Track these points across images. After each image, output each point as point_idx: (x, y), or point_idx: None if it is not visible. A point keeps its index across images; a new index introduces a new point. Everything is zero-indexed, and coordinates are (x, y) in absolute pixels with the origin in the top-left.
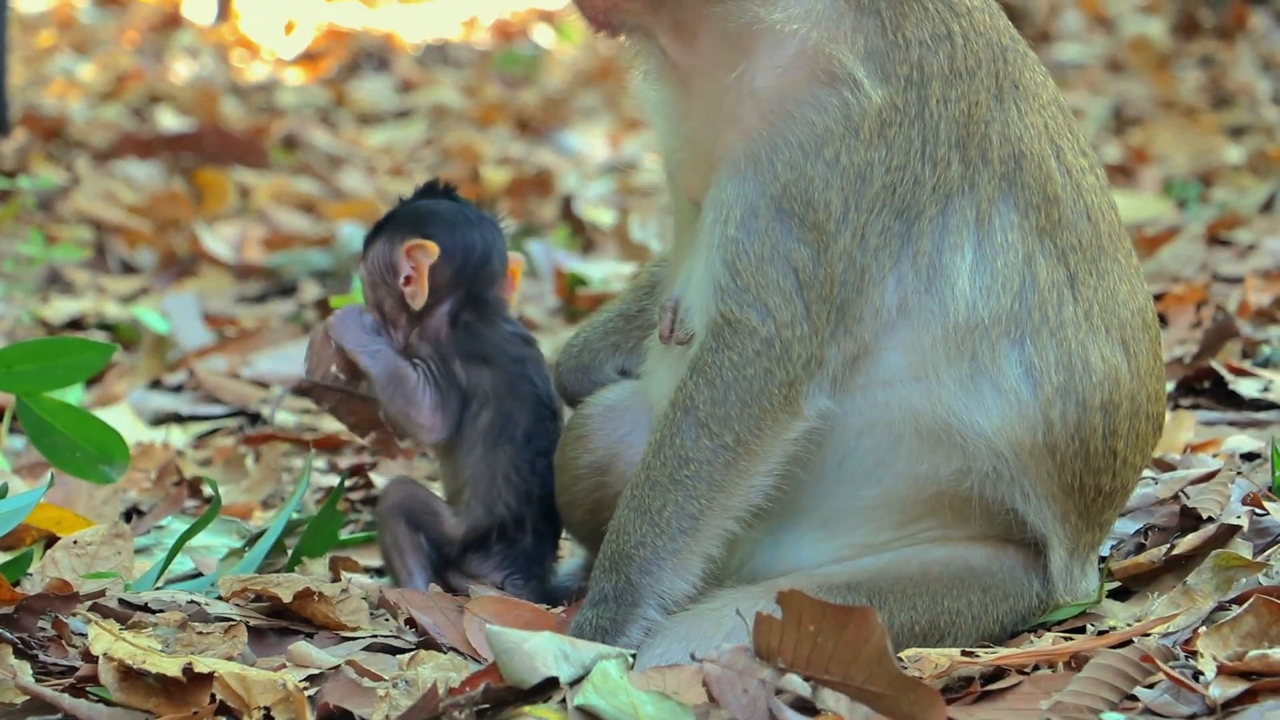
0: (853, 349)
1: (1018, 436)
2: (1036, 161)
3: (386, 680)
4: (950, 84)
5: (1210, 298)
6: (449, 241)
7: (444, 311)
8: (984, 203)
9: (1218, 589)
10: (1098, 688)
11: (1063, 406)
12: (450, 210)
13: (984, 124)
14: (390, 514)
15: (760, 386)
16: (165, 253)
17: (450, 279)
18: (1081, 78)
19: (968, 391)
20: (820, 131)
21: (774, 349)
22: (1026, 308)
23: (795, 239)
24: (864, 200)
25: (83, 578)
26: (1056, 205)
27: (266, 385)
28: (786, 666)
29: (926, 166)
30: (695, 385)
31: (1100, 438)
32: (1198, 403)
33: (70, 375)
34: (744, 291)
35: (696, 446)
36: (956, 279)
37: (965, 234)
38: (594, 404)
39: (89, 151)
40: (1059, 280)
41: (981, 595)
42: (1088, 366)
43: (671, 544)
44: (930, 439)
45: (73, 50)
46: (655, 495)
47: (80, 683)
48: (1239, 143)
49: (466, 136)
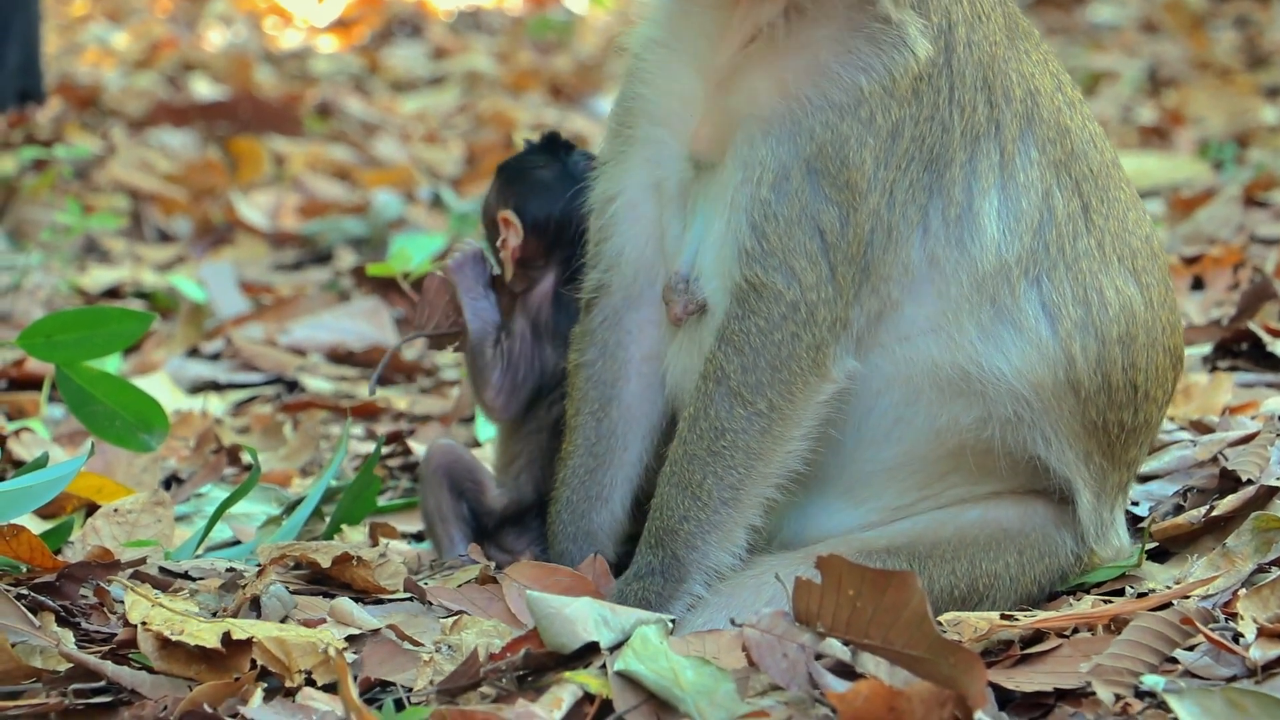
0: (877, 307)
1: (1039, 376)
2: (1049, 95)
3: (427, 645)
4: (973, 28)
5: (1247, 259)
6: (540, 214)
7: (548, 283)
8: (1008, 143)
9: (1257, 551)
10: (1138, 650)
11: (1082, 341)
12: (544, 174)
13: (1004, 63)
14: (434, 478)
15: (789, 351)
16: (201, 221)
17: (544, 252)
18: (1116, 39)
19: (988, 336)
20: (863, 92)
21: (799, 312)
22: (1044, 243)
23: (825, 199)
24: (894, 157)
25: (123, 546)
26: (1069, 136)
27: (303, 353)
28: (826, 631)
29: (954, 113)
30: (724, 354)
31: (1120, 370)
32: (1236, 364)
33: (109, 344)
34: (770, 255)
35: (731, 416)
36: (986, 224)
37: (992, 177)
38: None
39: (124, 120)
40: (1074, 211)
41: (1018, 556)
42: (1103, 300)
43: (715, 516)
44: (949, 390)
45: (106, 18)
46: (694, 468)
47: (121, 649)
48: (1275, 103)
49: (500, 103)
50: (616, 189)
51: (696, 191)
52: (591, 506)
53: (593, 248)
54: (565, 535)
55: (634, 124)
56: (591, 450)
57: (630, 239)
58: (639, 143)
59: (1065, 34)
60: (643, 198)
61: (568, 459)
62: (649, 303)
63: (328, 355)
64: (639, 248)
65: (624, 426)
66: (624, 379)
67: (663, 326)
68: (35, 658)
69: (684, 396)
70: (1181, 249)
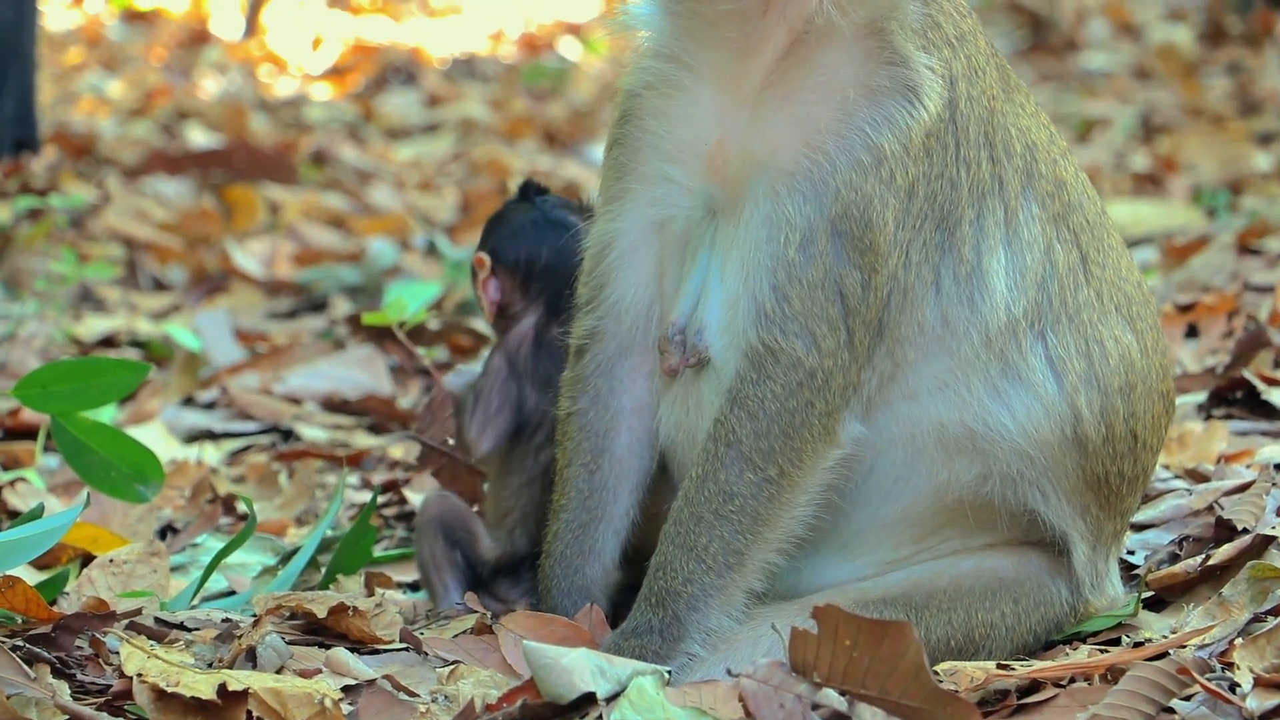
0: (890, 369)
1: (1044, 433)
2: (1045, 149)
3: (424, 696)
4: (972, 83)
5: (1241, 307)
6: (510, 253)
7: (529, 324)
8: (1011, 199)
9: (1253, 600)
10: (1134, 700)
11: (1087, 395)
12: (520, 218)
13: (1002, 117)
14: (429, 527)
15: (802, 419)
16: (196, 269)
17: (518, 290)
18: (1109, 86)
19: (995, 394)
20: (884, 152)
21: (816, 379)
22: (1048, 297)
23: (848, 263)
24: (910, 216)
25: (119, 596)
26: (1065, 189)
27: (299, 401)
28: (823, 681)
29: (961, 170)
30: (737, 418)
31: (1121, 420)
32: (1231, 413)
33: (105, 395)
34: (790, 320)
35: (740, 481)
36: (995, 282)
37: (998, 234)
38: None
39: (119, 168)
40: (1074, 263)
41: (1014, 606)
42: (1104, 351)
43: (718, 580)
44: (952, 448)
45: (101, 67)
46: (700, 531)
47: (117, 700)
48: (1268, 150)
49: (494, 150)
50: (617, 231)
51: (700, 237)
52: (585, 561)
53: (587, 292)
54: (559, 590)
55: (640, 162)
56: (584, 504)
57: (629, 285)
58: (646, 180)
59: (1058, 80)
60: (645, 240)
61: (560, 511)
62: (641, 351)
63: (323, 404)
64: (637, 294)
65: (615, 479)
66: (615, 430)
67: (654, 376)
68: (31, 710)
69: (677, 450)
70: (1175, 296)
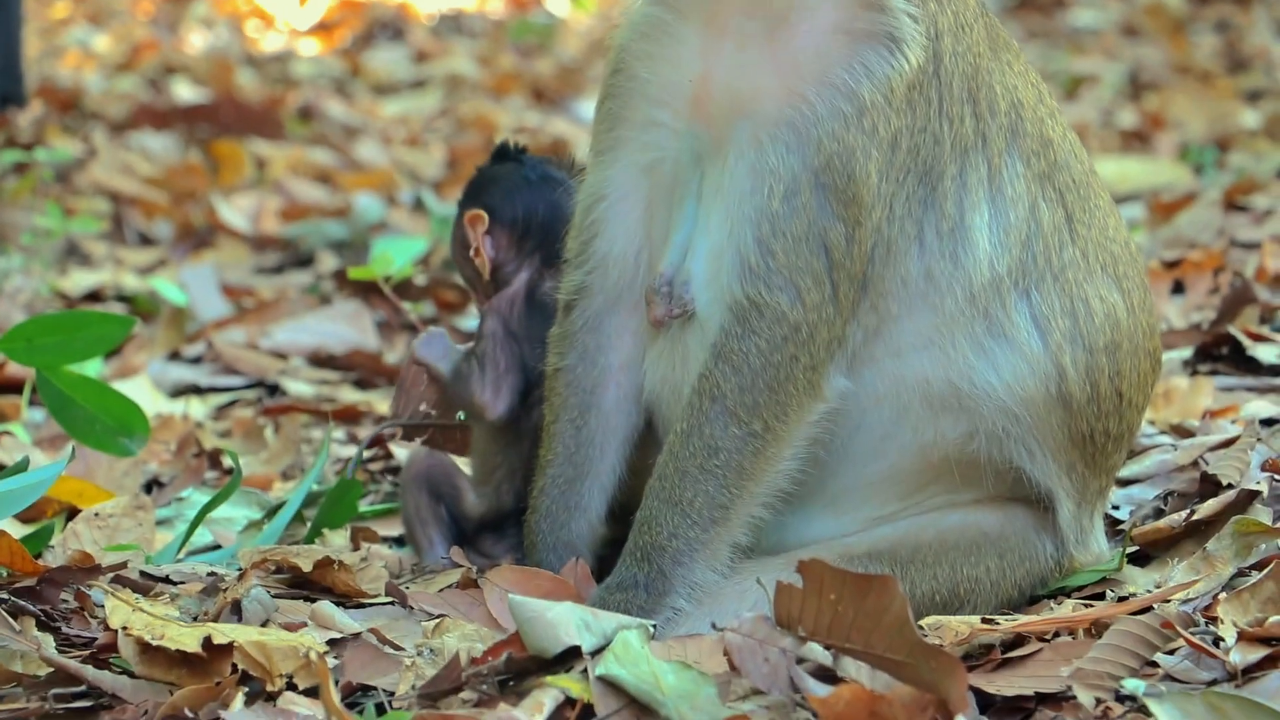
0: (874, 323)
1: (1030, 390)
2: (1031, 107)
3: (409, 649)
4: (958, 38)
5: (1228, 263)
6: (504, 207)
7: (522, 280)
8: (995, 156)
9: (1237, 555)
10: (1118, 654)
11: (1072, 353)
12: (509, 174)
13: (988, 74)
14: (414, 483)
15: (787, 372)
16: (182, 224)
17: (515, 245)
18: (1097, 43)
19: (980, 351)
20: (865, 102)
21: (801, 333)
22: (1032, 255)
23: (832, 216)
24: (893, 169)
25: (104, 550)
26: (1051, 148)
27: (285, 356)
28: (807, 635)
29: (944, 125)
30: (721, 373)
31: (1107, 379)
32: (1216, 369)
33: (90, 349)
34: (775, 274)
35: (725, 435)
36: (978, 238)
37: (981, 191)
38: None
39: (105, 123)
40: (1059, 222)
41: (999, 560)
42: (1090, 309)
43: (703, 534)
44: (938, 405)
45: (87, 21)
46: (685, 485)
47: (102, 653)
48: (1255, 107)
49: (482, 106)
50: (607, 181)
51: (688, 184)
52: (571, 516)
53: (577, 246)
54: (544, 545)
55: (630, 110)
56: (571, 459)
57: (618, 236)
58: (635, 127)
59: (1046, 38)
60: (634, 188)
61: (546, 467)
62: (628, 305)
63: (309, 359)
64: (625, 245)
65: (602, 435)
66: (603, 386)
67: (641, 332)
68: (15, 663)
69: (661, 405)
70: (1162, 253)
